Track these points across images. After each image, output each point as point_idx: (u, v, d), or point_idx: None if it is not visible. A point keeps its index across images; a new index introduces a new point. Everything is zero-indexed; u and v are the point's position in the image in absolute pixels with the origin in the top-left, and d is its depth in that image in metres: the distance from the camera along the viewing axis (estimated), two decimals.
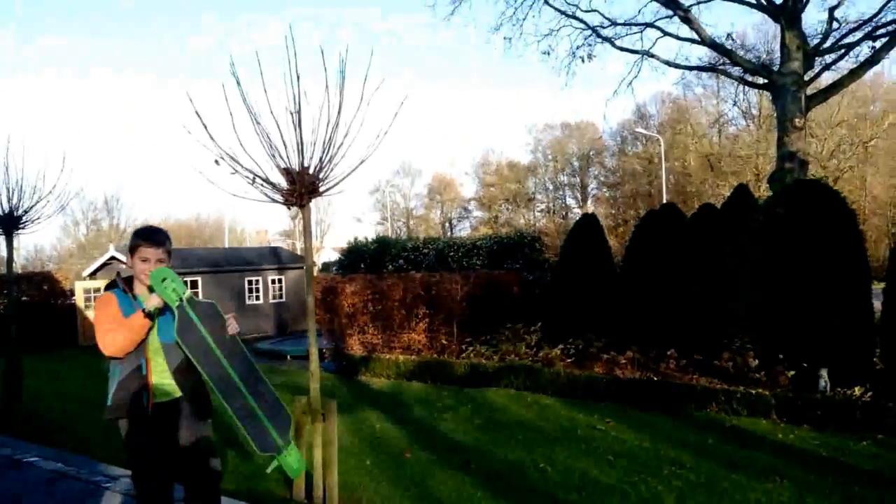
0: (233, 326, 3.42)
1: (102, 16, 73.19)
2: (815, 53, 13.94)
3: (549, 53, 18.40)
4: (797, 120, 12.80)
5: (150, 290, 3.18)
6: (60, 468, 6.10)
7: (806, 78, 13.76)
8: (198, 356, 3.24)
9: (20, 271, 25.84)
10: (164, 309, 3.21)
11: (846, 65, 14.82)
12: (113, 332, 3.09)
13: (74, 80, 72.57)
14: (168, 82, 72.70)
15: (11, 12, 68.80)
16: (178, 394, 3.28)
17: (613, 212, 46.30)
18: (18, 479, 5.80)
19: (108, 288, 3.34)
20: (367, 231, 52.16)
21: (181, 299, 3.20)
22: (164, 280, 3.14)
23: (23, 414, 8.60)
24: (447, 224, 57.53)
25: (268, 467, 3.55)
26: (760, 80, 15.18)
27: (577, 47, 17.34)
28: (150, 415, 3.21)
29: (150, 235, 3.29)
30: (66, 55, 71.81)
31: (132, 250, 3.27)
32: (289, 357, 14.91)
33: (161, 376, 3.25)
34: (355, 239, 20.67)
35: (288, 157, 4.19)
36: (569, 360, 10.53)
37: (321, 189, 4.39)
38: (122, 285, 3.31)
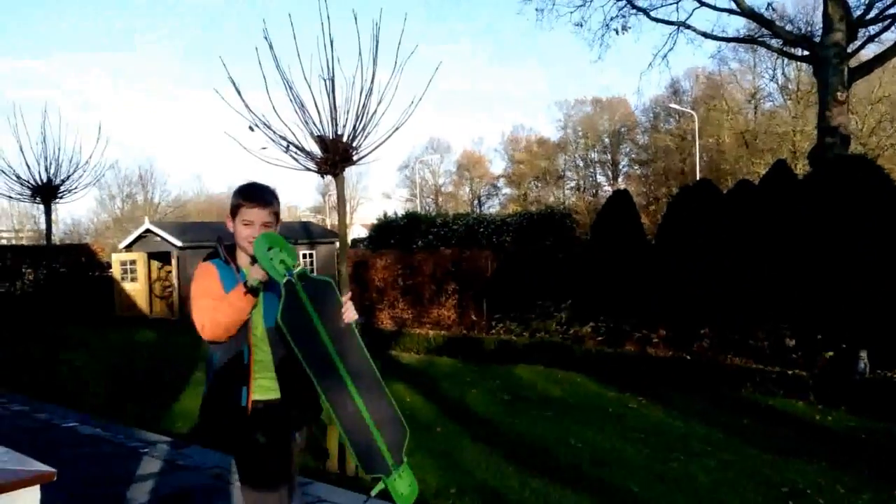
0: (350, 313, 2.61)
1: None
2: (858, 24, 13.43)
3: (581, 25, 17.91)
4: (839, 94, 12.39)
5: (253, 260, 2.53)
6: (99, 433, 6.24)
7: (849, 50, 13.28)
8: (302, 346, 2.50)
9: (58, 243, 26.43)
10: (271, 284, 2.54)
11: (891, 36, 14.32)
12: (212, 311, 2.48)
13: (107, 53, 73.31)
14: (198, 51, 73.01)
15: None
16: (278, 394, 2.62)
17: (645, 189, 45.59)
18: (59, 444, 5.93)
19: (208, 258, 2.72)
20: (397, 207, 52.25)
21: (290, 272, 2.49)
22: (269, 249, 2.45)
23: (61, 381, 8.81)
24: (476, 201, 57.29)
25: (373, 489, 2.66)
26: (801, 53, 14.71)
27: (611, 18, 16.90)
28: (248, 416, 2.58)
29: (254, 194, 2.61)
30: (98, 27, 72.45)
31: (233, 211, 2.62)
32: None
33: (264, 370, 2.61)
34: (385, 214, 20.67)
35: (321, 124, 4.15)
36: (599, 338, 10.44)
37: (354, 157, 4.35)
38: (224, 255, 2.65)
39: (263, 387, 2.59)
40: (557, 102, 61.84)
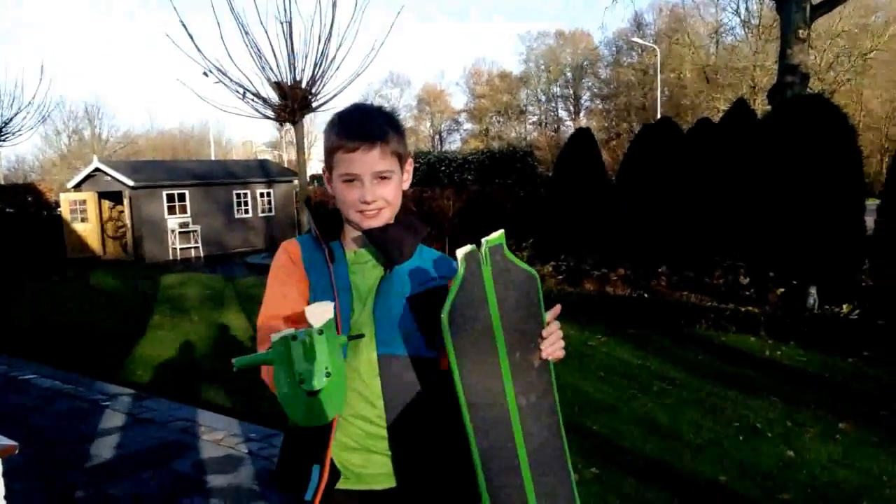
0: (555, 347, 1.44)
1: None
2: None
3: None
4: (801, 31, 12.38)
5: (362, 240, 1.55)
6: (58, 386, 6.15)
7: None
8: (473, 388, 1.35)
9: (2, 182, 25.42)
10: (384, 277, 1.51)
11: None
12: (264, 343, 1.38)
13: None
14: None
15: None
16: (392, 481, 1.49)
17: (606, 125, 45.68)
18: (17, 397, 5.83)
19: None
20: None
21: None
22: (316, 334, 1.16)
23: (15, 330, 8.61)
24: (437, 137, 56.72)
25: None
26: None
27: None
28: None
29: (357, 126, 1.47)
30: None
31: (329, 157, 1.51)
32: None
33: (365, 435, 1.49)
34: None
35: (279, 70, 3.99)
36: (560, 277, 10.58)
37: (314, 104, 4.21)
38: (314, 229, 1.58)
39: (359, 466, 1.49)
40: (520, 35, 60.89)
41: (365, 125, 1.46)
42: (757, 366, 6.53)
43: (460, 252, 1.31)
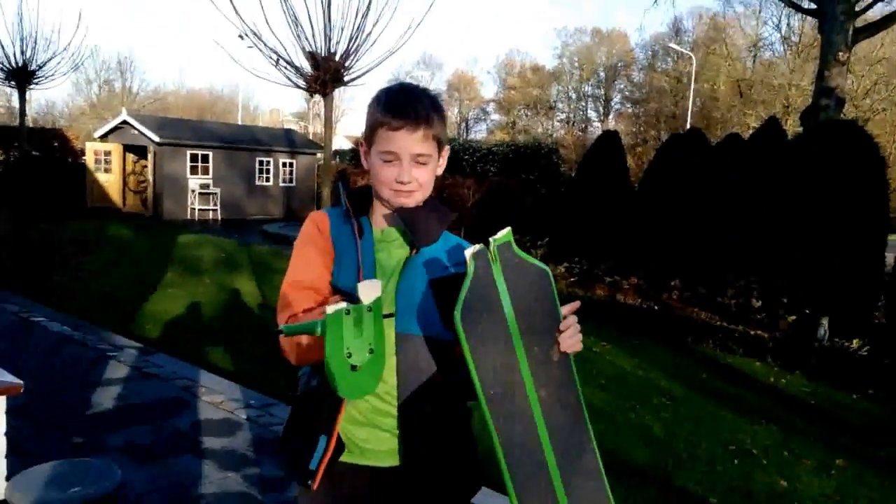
0: (573, 339, 1.45)
1: None
2: None
3: None
4: (841, 54, 12.20)
5: (393, 219, 1.55)
6: (66, 332, 6.23)
7: (857, 8, 13.01)
8: (491, 381, 1.33)
9: (32, 126, 25.65)
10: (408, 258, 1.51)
11: None
12: (286, 310, 1.47)
13: None
14: None
15: None
16: (396, 459, 1.49)
17: (634, 129, 45.29)
18: (26, 339, 5.92)
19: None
20: None
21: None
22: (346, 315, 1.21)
23: (30, 273, 8.72)
24: (464, 124, 56.52)
25: None
26: (808, 5, 14.37)
27: None
28: (317, 494, 1.50)
29: (403, 105, 1.46)
30: None
31: (371, 132, 1.50)
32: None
33: (375, 411, 1.49)
34: None
35: (314, 40, 3.98)
36: (572, 279, 10.56)
37: (346, 78, 4.20)
38: (345, 200, 1.58)
39: (364, 440, 1.50)
40: (556, 29, 60.33)
41: (411, 106, 1.46)
42: (760, 391, 6.50)
43: (468, 252, 1.32)
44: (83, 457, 3.04)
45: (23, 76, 8.48)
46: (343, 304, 1.18)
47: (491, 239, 1.36)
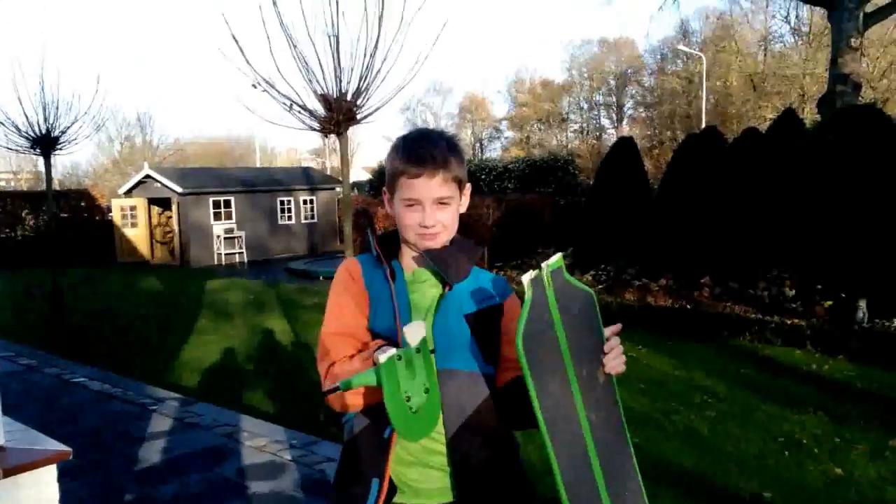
0: (617, 361, 1.45)
1: None
2: None
3: None
4: (853, 39, 12.10)
5: (422, 261, 1.59)
6: (107, 389, 6.34)
7: None
8: (550, 410, 1.33)
9: (58, 188, 26.34)
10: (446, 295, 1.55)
11: None
12: (326, 358, 1.51)
13: None
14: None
15: None
16: (448, 496, 1.50)
17: (649, 133, 45.08)
18: (71, 404, 6.04)
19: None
20: None
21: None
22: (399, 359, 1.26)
23: (67, 332, 8.91)
24: (478, 145, 56.77)
25: None
26: None
27: None
28: None
29: (420, 152, 1.51)
30: None
31: (392, 181, 1.56)
32: (321, 277, 15.13)
33: (425, 451, 1.50)
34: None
35: (325, 82, 4.08)
36: (600, 286, 10.50)
37: (358, 116, 4.29)
38: (375, 246, 1.62)
39: (415, 480, 1.50)
40: (563, 43, 60.65)
41: (428, 152, 1.50)
42: (803, 380, 6.39)
43: (526, 278, 1.32)
44: None
45: (47, 143, 8.74)
46: (393, 351, 1.21)
47: (544, 264, 1.37)
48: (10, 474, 1.95)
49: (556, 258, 1.40)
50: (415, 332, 1.25)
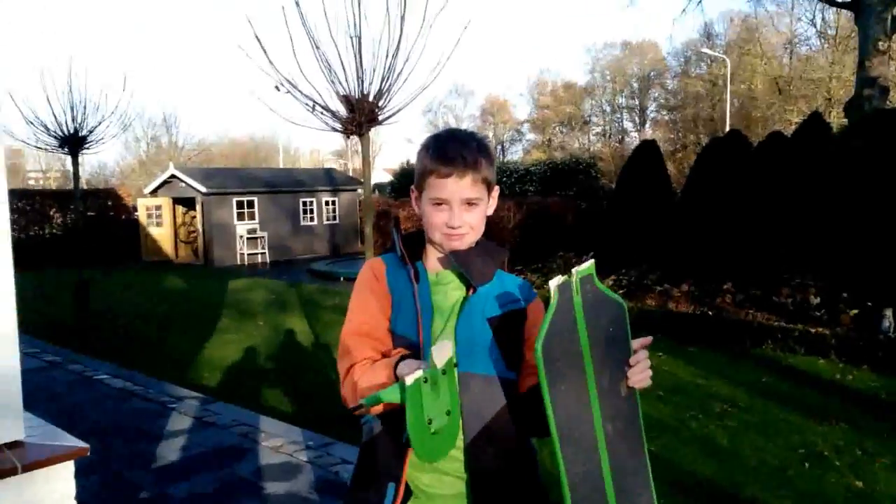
0: (643, 374, 1.38)
1: None
2: None
3: None
4: (880, 43, 11.92)
5: (447, 263, 1.57)
6: (129, 387, 6.43)
7: None
8: (564, 418, 1.31)
9: (85, 187, 26.77)
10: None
11: None
12: (346, 357, 1.52)
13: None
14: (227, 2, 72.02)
15: None
16: (463, 502, 1.49)
17: (672, 136, 44.70)
18: (89, 397, 6.13)
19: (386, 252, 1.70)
20: None
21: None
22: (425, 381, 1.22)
23: (91, 330, 9.04)
24: (499, 147, 56.71)
25: None
26: None
27: None
28: None
29: (450, 152, 1.49)
30: None
31: (421, 179, 1.54)
32: (342, 278, 15.20)
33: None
34: (408, 162, 20.63)
35: (347, 83, 4.09)
36: (621, 292, 10.41)
37: (380, 118, 4.30)
38: (400, 246, 1.59)
39: (428, 486, 1.50)
40: (586, 46, 60.41)
41: (458, 152, 1.48)
42: (826, 390, 6.29)
43: (553, 283, 1.29)
44: None
45: (75, 142, 8.88)
46: (420, 373, 1.20)
47: (574, 270, 1.34)
48: (28, 469, 1.98)
49: (587, 265, 1.37)
50: (442, 353, 1.24)
